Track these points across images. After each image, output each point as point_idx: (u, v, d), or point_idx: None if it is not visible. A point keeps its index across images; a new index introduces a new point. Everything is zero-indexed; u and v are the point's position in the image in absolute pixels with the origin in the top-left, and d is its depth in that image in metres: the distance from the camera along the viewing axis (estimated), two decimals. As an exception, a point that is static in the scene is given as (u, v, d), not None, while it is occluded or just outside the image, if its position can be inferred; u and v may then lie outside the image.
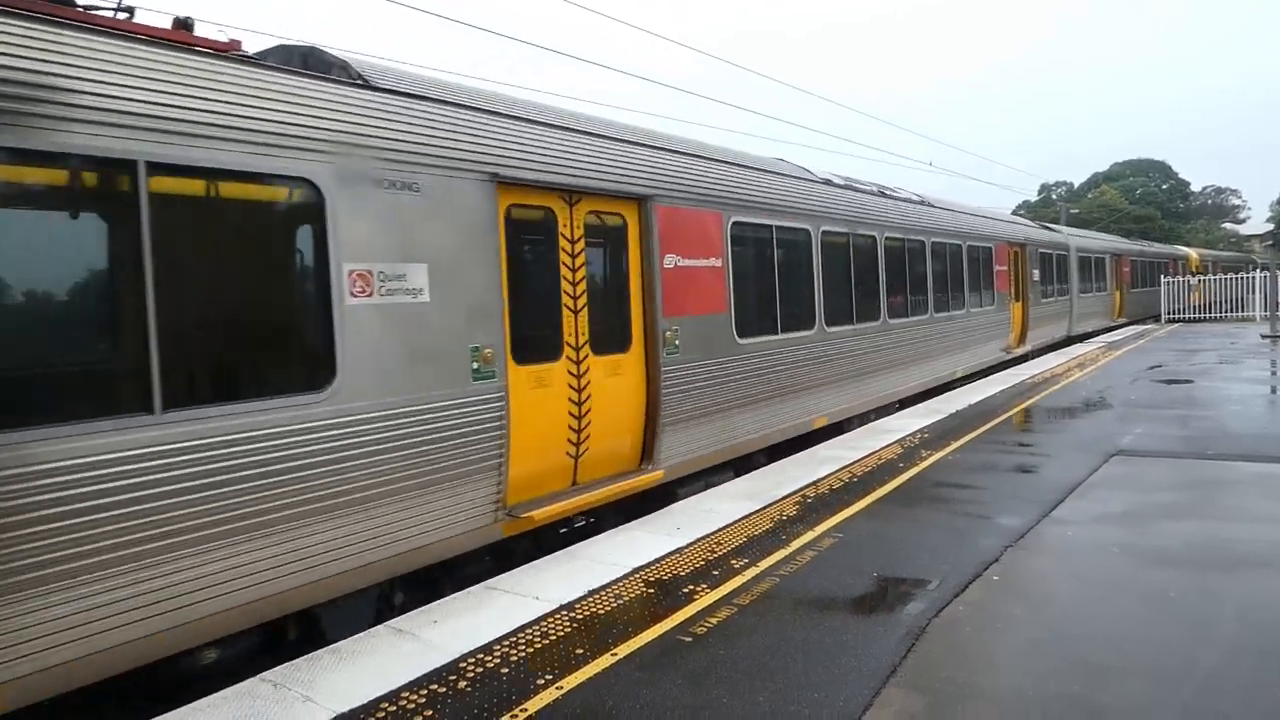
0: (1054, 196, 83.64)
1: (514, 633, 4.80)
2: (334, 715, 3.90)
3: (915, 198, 15.31)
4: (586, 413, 7.11)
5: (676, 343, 7.99)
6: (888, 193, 14.13)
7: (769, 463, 9.46)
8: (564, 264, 7.02)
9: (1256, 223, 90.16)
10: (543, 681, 4.18)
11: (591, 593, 5.41)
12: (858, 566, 5.74)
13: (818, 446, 10.29)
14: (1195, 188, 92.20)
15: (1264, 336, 22.81)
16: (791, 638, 4.61)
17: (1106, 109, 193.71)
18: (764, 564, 5.85)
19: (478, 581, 5.71)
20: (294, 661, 4.50)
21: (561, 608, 5.16)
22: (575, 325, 7.07)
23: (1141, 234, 54.96)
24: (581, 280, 7.14)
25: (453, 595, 5.49)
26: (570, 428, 7.01)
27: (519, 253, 6.68)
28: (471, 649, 4.58)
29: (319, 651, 4.62)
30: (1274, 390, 13.61)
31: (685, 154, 8.99)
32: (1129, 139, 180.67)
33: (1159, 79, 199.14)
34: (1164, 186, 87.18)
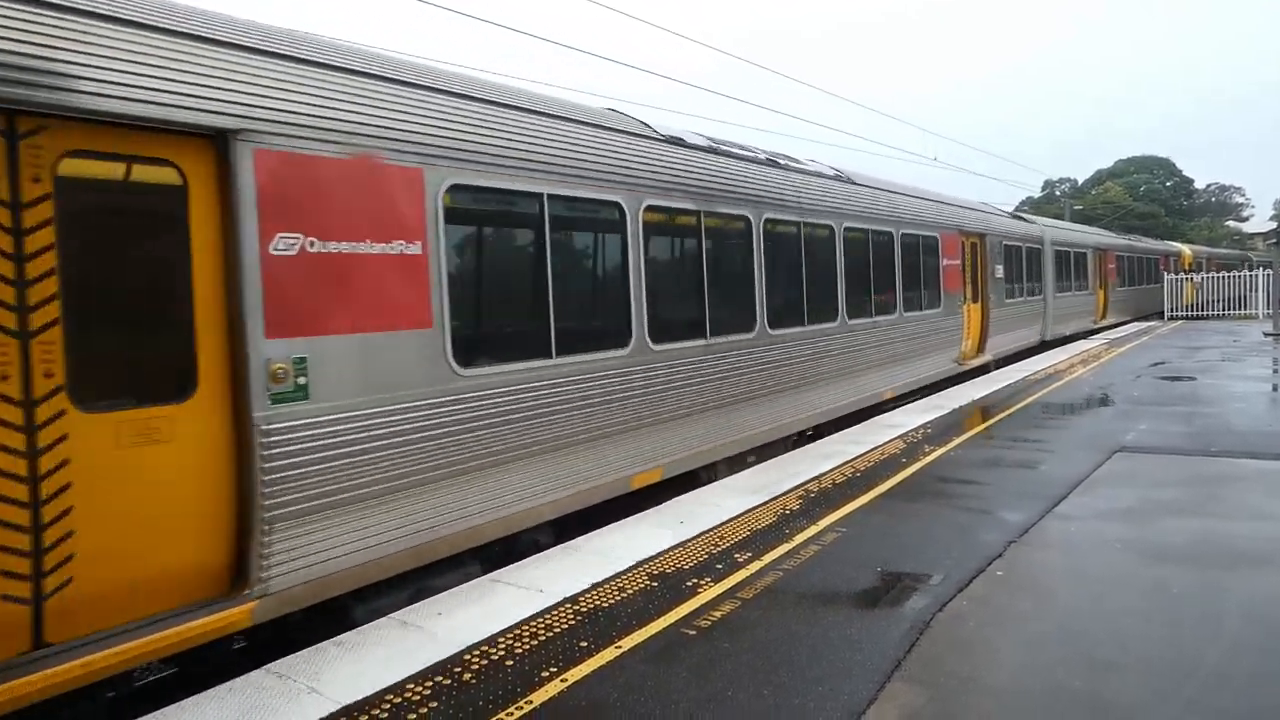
0: (1058, 193, 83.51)
1: (518, 625, 4.81)
2: (339, 706, 3.91)
3: (831, 171, 12.15)
4: (58, 517, 3.99)
5: (302, 380, 4.89)
6: (783, 162, 10.79)
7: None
8: None
9: (1260, 220, 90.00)
10: (547, 674, 4.20)
11: (595, 586, 5.42)
12: (861, 561, 5.75)
13: (821, 441, 10.30)
14: (1199, 185, 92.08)
15: (1266, 334, 22.78)
16: (796, 632, 4.62)
17: (1115, 107, 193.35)
18: (767, 558, 5.86)
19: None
20: (299, 653, 4.52)
21: (565, 600, 5.17)
22: (30, 360, 3.95)
23: (1144, 231, 54.76)
24: (47, 275, 4.02)
25: (457, 587, 5.50)
26: (6, 548, 3.86)
27: None
28: (476, 641, 4.59)
29: (324, 643, 4.63)
30: (1276, 388, 13.59)
31: (326, 65, 5.39)
32: (1134, 136, 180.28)
33: (1169, 78, 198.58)
34: (1168, 184, 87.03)
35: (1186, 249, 44.28)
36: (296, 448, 4.78)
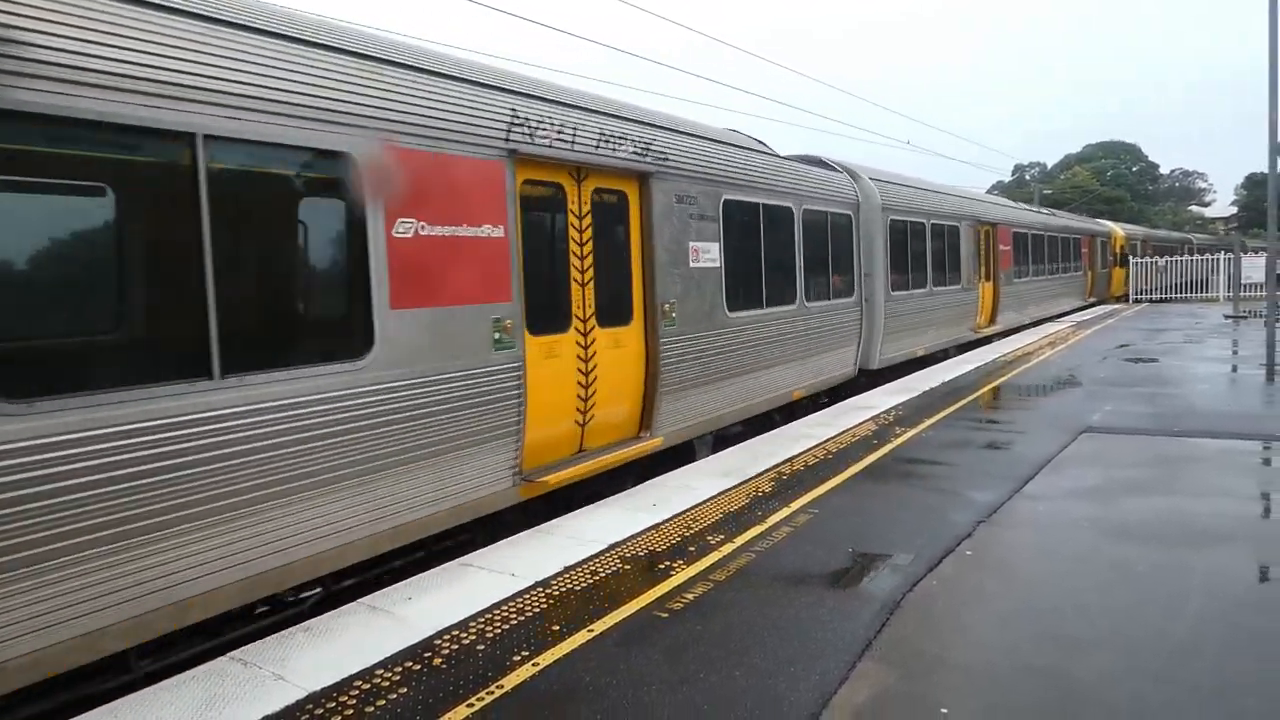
0: (1027, 177, 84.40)
1: (489, 609, 4.76)
2: (306, 693, 3.85)
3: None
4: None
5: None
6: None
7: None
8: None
9: (1222, 205, 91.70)
10: (519, 658, 4.16)
11: (568, 569, 5.39)
12: (833, 542, 5.77)
13: (793, 423, 10.33)
14: (1164, 170, 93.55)
15: (1227, 317, 23.22)
16: (768, 613, 4.62)
17: (1086, 88, 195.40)
18: (740, 540, 5.86)
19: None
20: (265, 639, 4.45)
21: (537, 584, 5.14)
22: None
23: (1111, 215, 55.42)
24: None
25: (428, 571, 5.45)
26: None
27: None
28: (447, 626, 4.55)
29: (291, 629, 4.57)
30: (1236, 369, 13.85)
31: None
32: (1102, 120, 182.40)
33: (1134, 63, 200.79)
34: (1134, 169, 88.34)
35: (1119, 229, 37.91)
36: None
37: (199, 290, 4.38)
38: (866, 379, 13.56)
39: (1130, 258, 34.02)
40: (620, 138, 7.80)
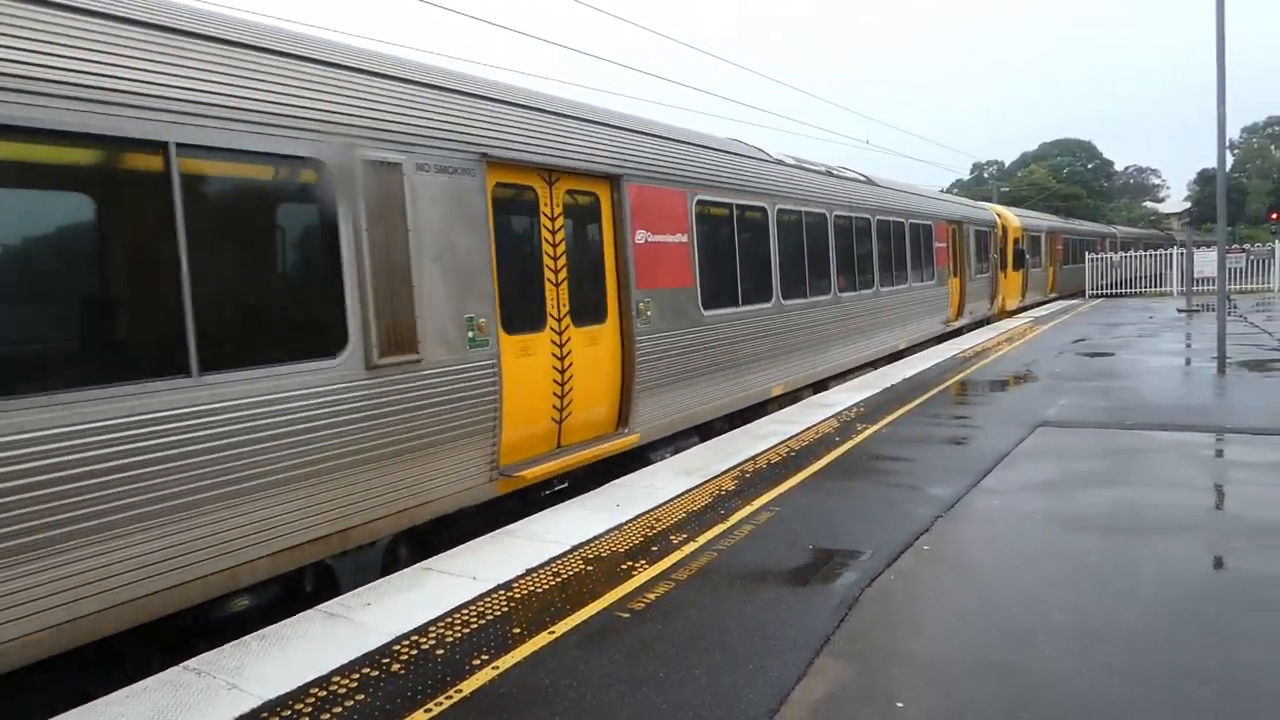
0: (985, 175, 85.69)
1: (450, 614, 4.73)
2: (261, 702, 3.79)
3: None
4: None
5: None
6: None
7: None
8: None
9: (1175, 201, 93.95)
10: (478, 662, 4.14)
11: (530, 571, 5.37)
12: (794, 539, 5.81)
13: (758, 421, 10.40)
14: (1119, 167, 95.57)
15: (1180, 311, 23.78)
16: (728, 611, 4.64)
17: (1041, 86, 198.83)
18: (702, 539, 5.88)
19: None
20: (220, 648, 4.37)
21: (499, 587, 5.11)
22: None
23: (1068, 212, 56.36)
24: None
25: (387, 577, 5.40)
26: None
27: None
28: (406, 631, 4.51)
29: (246, 637, 4.49)
30: (1189, 362, 14.19)
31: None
32: (1058, 118, 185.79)
33: (1090, 59, 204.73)
34: (1089, 166, 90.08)
35: (1012, 218, 27.62)
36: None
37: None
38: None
39: (1027, 254, 27.74)
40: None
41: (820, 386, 13.10)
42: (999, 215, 26.24)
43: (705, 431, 9.89)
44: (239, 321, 5.00)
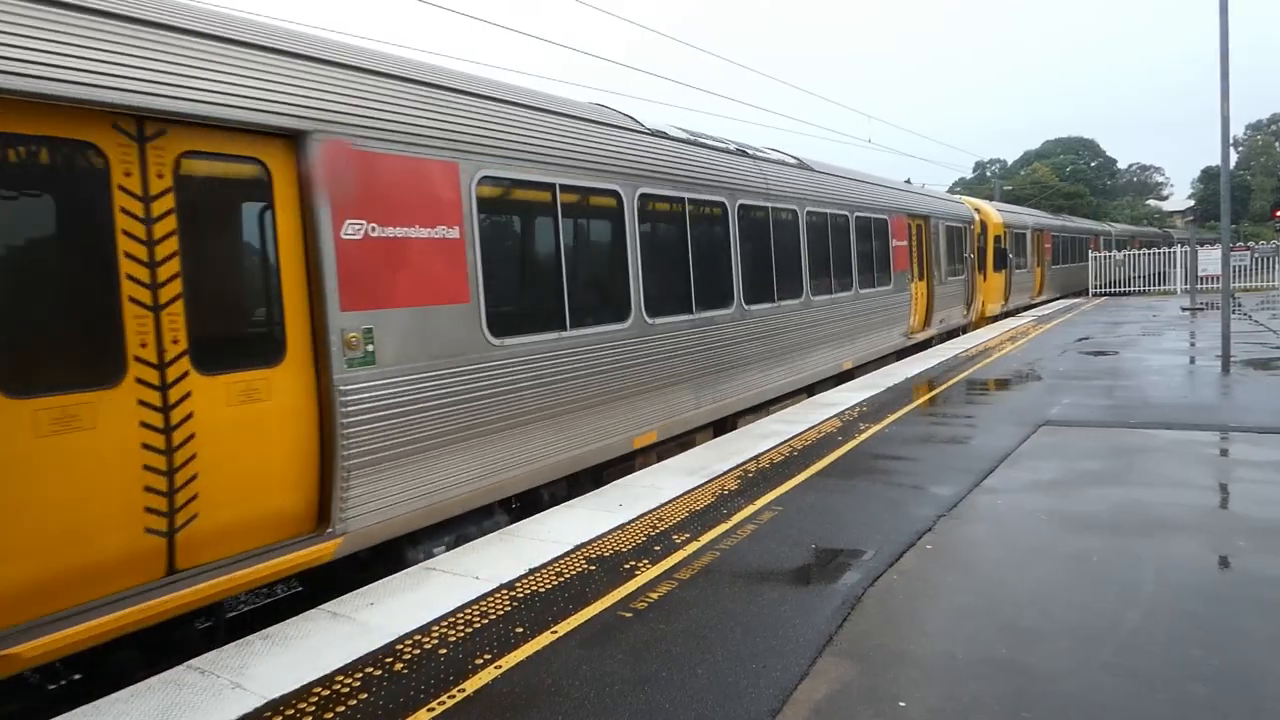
0: (988, 174, 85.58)
1: (453, 613, 4.74)
2: (264, 701, 3.81)
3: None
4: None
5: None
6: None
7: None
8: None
9: (1179, 199, 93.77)
10: (481, 661, 4.15)
11: (532, 571, 5.38)
12: (796, 538, 5.82)
13: (760, 421, 10.39)
14: (1122, 165, 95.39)
15: (1184, 309, 23.73)
16: (731, 610, 4.65)
17: (1045, 85, 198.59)
18: (705, 538, 5.89)
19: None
20: (223, 648, 4.39)
21: (501, 587, 5.12)
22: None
23: (1071, 210, 56.20)
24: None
25: (391, 577, 5.41)
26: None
27: None
28: (409, 630, 4.52)
29: (250, 637, 4.51)
30: (1193, 360, 14.16)
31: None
32: (1061, 116, 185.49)
33: (1093, 58, 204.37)
34: (1092, 164, 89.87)
35: (995, 214, 25.12)
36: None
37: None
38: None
39: (1010, 254, 25.39)
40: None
41: (726, 425, 10.29)
42: (977, 210, 23.72)
43: (532, 500, 7.22)
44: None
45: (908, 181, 23.22)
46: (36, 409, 4.06)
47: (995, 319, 24.19)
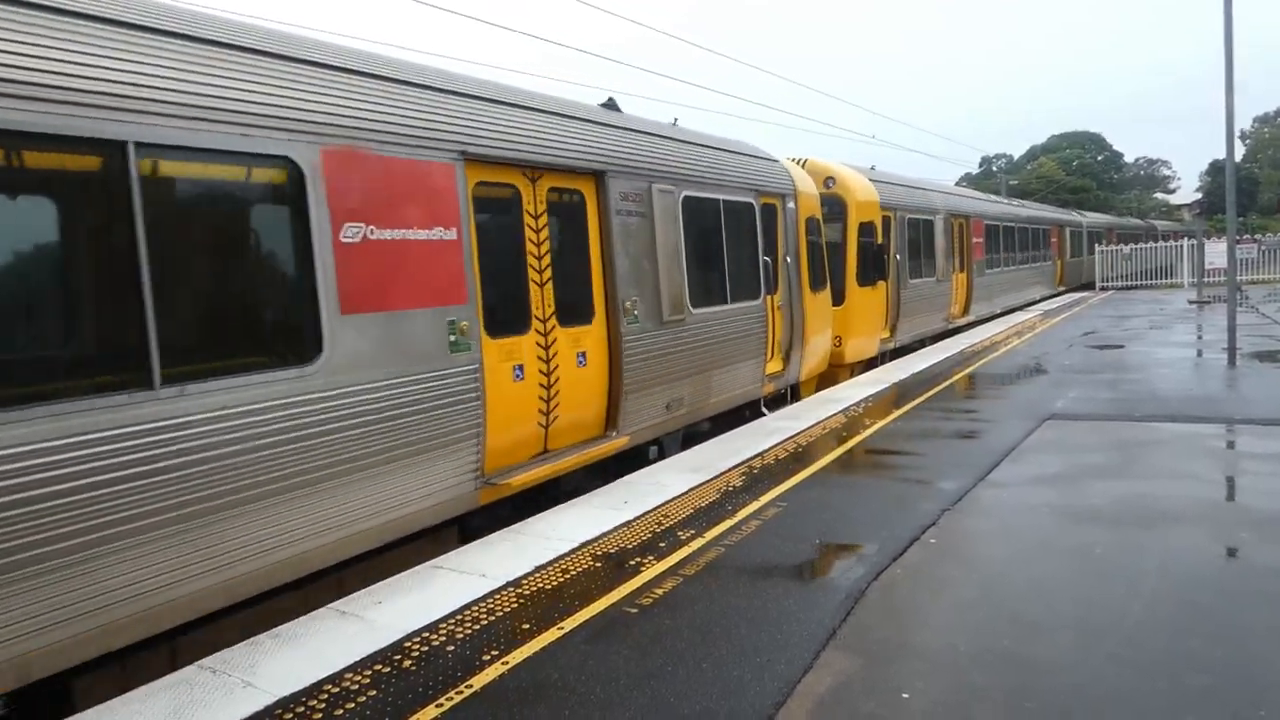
0: (994, 169, 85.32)
1: (460, 610, 4.78)
2: (275, 699, 3.85)
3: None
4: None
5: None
6: None
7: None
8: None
9: (1186, 192, 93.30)
10: (488, 658, 4.19)
11: (538, 568, 5.42)
12: (801, 534, 5.85)
13: (764, 418, 10.42)
14: (1128, 159, 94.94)
15: (1191, 302, 23.66)
16: (735, 605, 4.68)
17: (1051, 80, 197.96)
18: (710, 534, 5.92)
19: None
20: (233, 647, 4.43)
21: (508, 584, 5.16)
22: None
23: (1078, 204, 55.97)
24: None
25: (398, 575, 5.45)
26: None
27: None
28: (416, 628, 4.56)
29: (260, 635, 4.56)
30: (1199, 353, 14.14)
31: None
32: (1067, 110, 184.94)
33: (1100, 52, 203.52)
34: (1099, 158, 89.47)
35: (857, 185, 14.74)
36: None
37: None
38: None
39: (886, 255, 15.22)
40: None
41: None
42: (825, 177, 14.14)
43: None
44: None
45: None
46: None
47: (869, 365, 15.01)
